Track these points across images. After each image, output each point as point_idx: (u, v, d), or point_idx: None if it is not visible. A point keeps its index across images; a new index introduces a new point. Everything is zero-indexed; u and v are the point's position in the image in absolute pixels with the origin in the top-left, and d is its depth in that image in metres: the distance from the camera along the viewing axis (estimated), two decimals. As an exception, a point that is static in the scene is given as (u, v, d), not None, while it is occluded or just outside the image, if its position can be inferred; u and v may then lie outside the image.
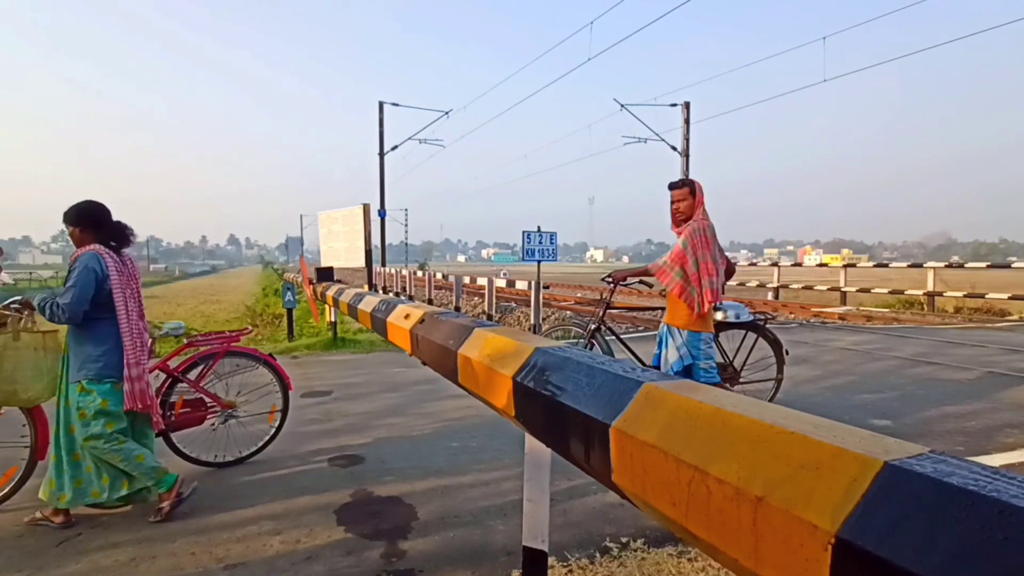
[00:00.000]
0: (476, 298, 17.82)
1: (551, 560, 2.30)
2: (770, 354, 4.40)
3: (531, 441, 1.81)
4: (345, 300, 5.06)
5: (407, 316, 2.88)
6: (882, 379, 5.66)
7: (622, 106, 21.03)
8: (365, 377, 5.98)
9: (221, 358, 3.46)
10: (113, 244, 2.87)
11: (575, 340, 4.44)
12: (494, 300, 12.53)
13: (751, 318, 4.30)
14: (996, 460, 3.46)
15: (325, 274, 7.77)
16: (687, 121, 21.34)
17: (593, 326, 4.40)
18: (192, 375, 3.39)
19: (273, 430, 3.62)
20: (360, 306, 4.17)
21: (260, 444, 3.56)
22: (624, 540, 2.54)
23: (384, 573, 2.32)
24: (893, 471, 0.69)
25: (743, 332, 4.36)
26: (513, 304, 16.49)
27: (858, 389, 5.27)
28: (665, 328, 3.73)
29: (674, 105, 21.43)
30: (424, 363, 2.70)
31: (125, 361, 2.75)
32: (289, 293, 9.03)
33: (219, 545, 2.53)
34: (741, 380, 4.34)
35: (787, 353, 4.40)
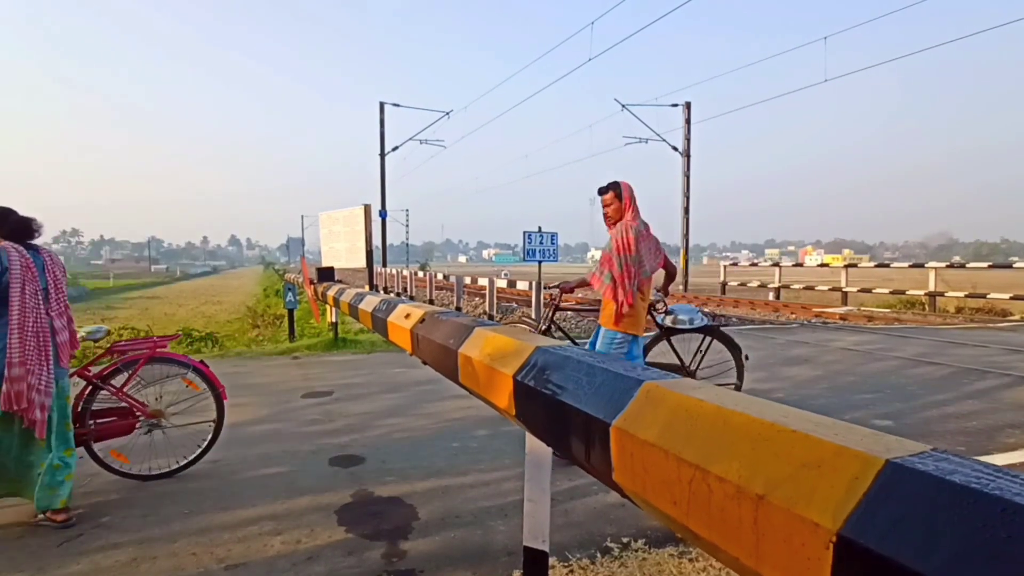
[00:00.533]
0: (477, 298, 17.82)
1: (552, 560, 2.29)
2: (731, 358, 4.32)
3: (532, 441, 1.80)
4: (346, 300, 5.07)
5: (408, 316, 2.88)
6: (883, 379, 5.65)
7: (623, 106, 21.05)
8: (366, 377, 5.98)
9: (144, 364, 3.26)
10: (30, 241, 2.81)
11: None
12: (495, 300, 12.54)
13: (704, 322, 4.22)
14: (998, 460, 3.45)
15: (326, 274, 7.78)
16: (688, 121, 21.35)
17: (543, 327, 4.43)
18: (117, 382, 3.23)
19: (206, 442, 3.40)
20: (361, 306, 4.17)
21: (192, 456, 3.36)
22: (625, 540, 2.54)
23: (385, 573, 2.32)
24: (895, 469, 0.69)
25: (701, 336, 4.28)
26: (514, 304, 16.49)
27: (859, 389, 5.26)
28: None
29: (675, 105, 21.45)
30: (424, 363, 2.70)
31: (7, 359, 2.61)
32: (290, 294, 9.03)
33: (220, 545, 2.53)
34: None
35: (747, 358, 4.30)
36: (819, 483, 0.74)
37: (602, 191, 3.65)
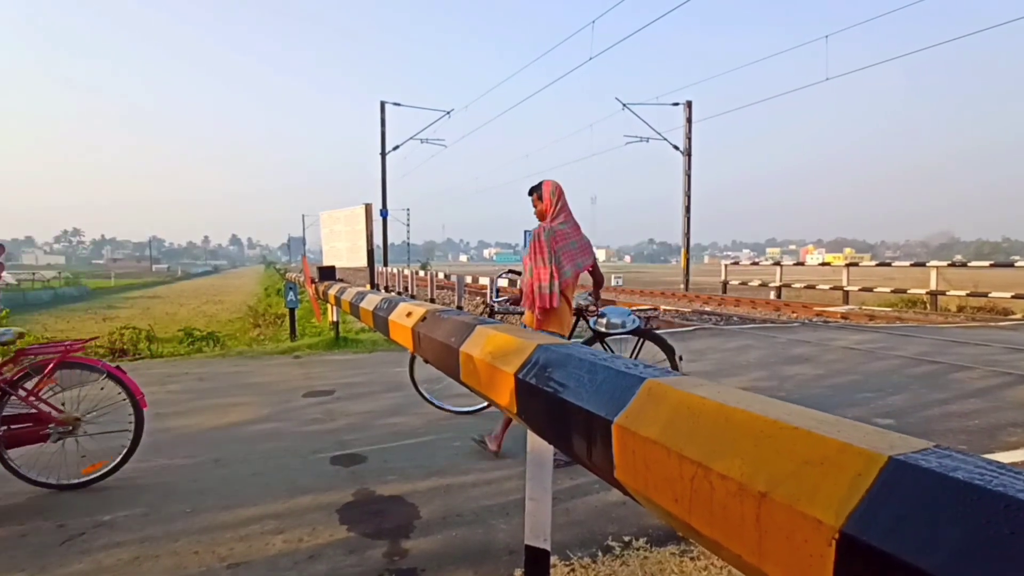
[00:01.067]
0: (478, 297, 17.82)
1: (553, 559, 2.29)
2: (664, 358, 4.19)
3: (533, 440, 1.80)
4: (347, 299, 5.07)
5: (409, 314, 2.87)
6: (885, 378, 5.64)
7: (624, 105, 21.06)
8: (367, 376, 5.98)
9: (55, 368, 3.13)
10: None
11: None
12: (496, 300, 12.51)
13: (637, 324, 4.14)
14: (1000, 459, 3.43)
15: (327, 273, 7.79)
16: (689, 120, 21.34)
17: None
18: (30, 386, 3.10)
19: (121, 455, 3.21)
20: (362, 305, 4.17)
21: (107, 468, 3.19)
22: (627, 539, 2.54)
23: (387, 572, 2.32)
24: (898, 466, 0.68)
25: (635, 339, 4.21)
26: (515, 304, 16.46)
27: (861, 388, 5.25)
28: None
29: (676, 104, 21.45)
30: (426, 361, 2.70)
31: None
32: (291, 293, 9.04)
33: (222, 544, 2.53)
34: None
35: (681, 359, 4.20)
36: (822, 480, 0.73)
37: (528, 193, 3.63)
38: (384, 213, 23.79)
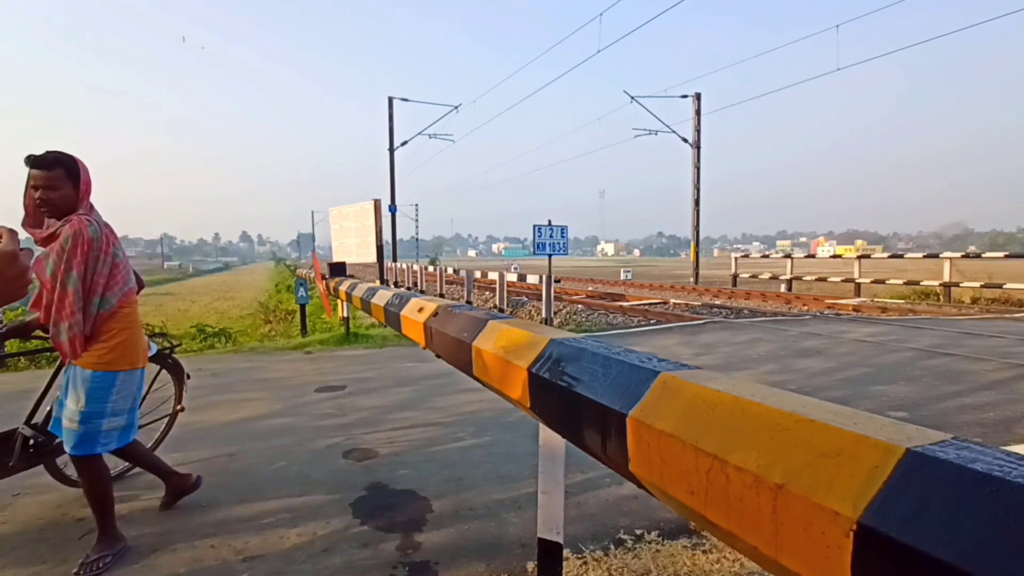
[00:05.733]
0: (487, 292, 17.84)
1: (566, 552, 2.31)
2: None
3: (545, 433, 1.81)
4: (358, 295, 5.10)
5: (421, 309, 2.89)
6: (897, 371, 5.60)
7: (632, 98, 20.95)
8: (378, 372, 6.01)
9: None
10: None
11: None
12: (506, 294, 12.55)
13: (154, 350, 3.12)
14: (1016, 452, 3.42)
15: (337, 269, 7.82)
16: (698, 112, 21.20)
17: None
18: None
19: None
20: (374, 300, 4.20)
21: None
22: (638, 532, 2.55)
23: (400, 565, 2.34)
24: (915, 457, 0.68)
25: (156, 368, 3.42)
26: (524, 298, 16.49)
27: (873, 381, 5.22)
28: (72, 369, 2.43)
29: (685, 96, 21.31)
30: (438, 356, 2.71)
31: None
32: (302, 289, 9.08)
33: (238, 538, 2.56)
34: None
35: (188, 377, 3.55)
36: (838, 472, 0.74)
37: (38, 164, 2.26)
38: (393, 209, 23.85)
